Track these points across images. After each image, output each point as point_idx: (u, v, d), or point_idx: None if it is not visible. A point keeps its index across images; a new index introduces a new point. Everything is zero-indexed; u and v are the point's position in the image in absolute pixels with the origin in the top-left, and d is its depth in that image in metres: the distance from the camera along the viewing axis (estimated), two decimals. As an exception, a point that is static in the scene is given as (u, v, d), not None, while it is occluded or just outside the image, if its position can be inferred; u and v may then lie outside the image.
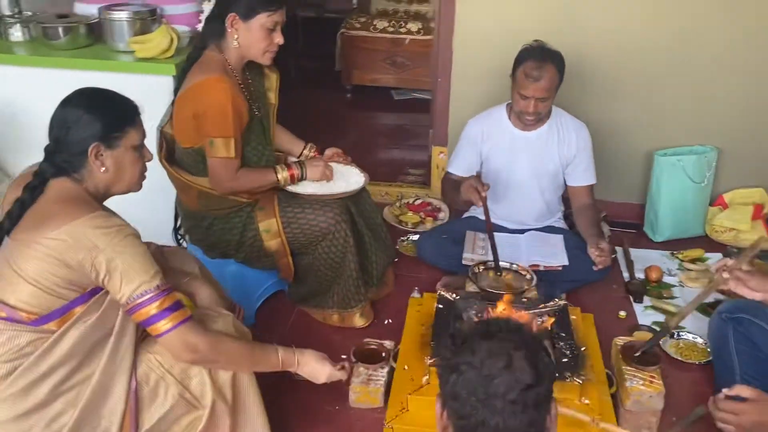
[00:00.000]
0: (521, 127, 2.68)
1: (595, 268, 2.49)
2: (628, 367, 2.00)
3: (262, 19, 2.09)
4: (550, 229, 2.76)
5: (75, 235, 1.43)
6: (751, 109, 2.99)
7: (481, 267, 2.44)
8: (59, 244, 1.43)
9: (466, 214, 2.91)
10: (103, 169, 1.54)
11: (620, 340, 2.14)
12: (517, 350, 1.00)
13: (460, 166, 2.78)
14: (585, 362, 1.97)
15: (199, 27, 2.52)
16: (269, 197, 2.28)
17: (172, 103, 2.19)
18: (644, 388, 1.94)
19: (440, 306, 2.16)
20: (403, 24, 4.70)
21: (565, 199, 2.85)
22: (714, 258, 2.92)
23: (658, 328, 2.45)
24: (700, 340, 2.39)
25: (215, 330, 1.63)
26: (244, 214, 2.25)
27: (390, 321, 2.51)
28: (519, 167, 2.70)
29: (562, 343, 1.99)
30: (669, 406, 2.00)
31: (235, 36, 2.11)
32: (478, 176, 2.53)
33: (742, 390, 1.62)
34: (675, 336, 2.42)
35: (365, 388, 2.08)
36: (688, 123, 3.03)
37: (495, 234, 2.69)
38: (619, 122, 3.01)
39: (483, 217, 2.76)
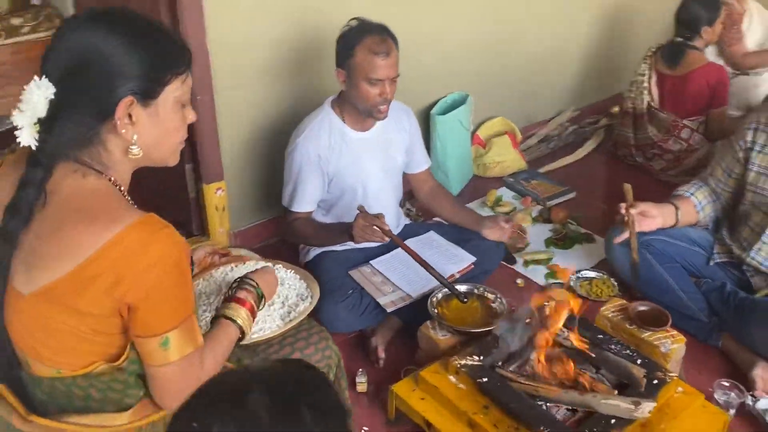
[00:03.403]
0: (360, 127, 2.19)
1: (518, 245, 2.31)
2: (650, 333, 1.96)
3: (175, 90, 1.10)
4: (411, 231, 2.42)
5: None
6: (483, 55, 3.12)
7: (434, 300, 2.00)
8: None
9: (312, 253, 2.30)
10: None
11: (607, 311, 2.07)
12: None
13: (308, 201, 2.18)
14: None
15: None
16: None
17: None
18: (676, 346, 1.94)
19: (483, 379, 1.69)
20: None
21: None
22: (505, 193, 3.08)
23: (560, 281, 2.48)
24: (593, 274, 2.51)
25: None
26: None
27: (366, 429, 1.87)
28: (371, 175, 2.24)
29: (613, 346, 1.82)
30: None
31: (133, 135, 1.07)
32: (365, 212, 2.01)
33: None
34: (576, 278, 2.48)
35: None
36: (442, 76, 2.98)
37: (376, 261, 2.26)
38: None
39: (338, 248, 2.27)
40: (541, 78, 3.49)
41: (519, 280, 2.50)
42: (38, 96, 0.99)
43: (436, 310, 1.99)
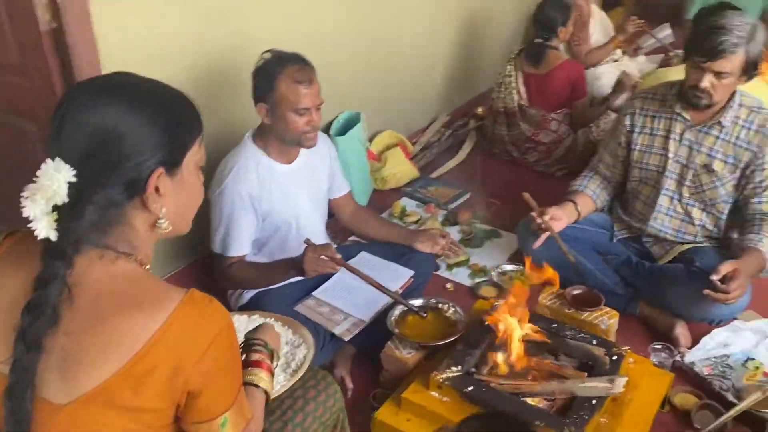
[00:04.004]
0: (285, 159, 2.15)
1: (447, 258, 2.38)
2: (589, 314, 2.12)
3: (195, 153, 1.03)
4: (342, 254, 2.40)
5: None
6: (364, 71, 3.18)
7: (392, 320, 2.01)
8: None
9: (247, 296, 2.21)
10: None
11: (545, 300, 2.20)
12: None
13: (243, 243, 2.11)
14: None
15: None
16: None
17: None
18: (612, 321, 2.12)
19: (469, 388, 1.74)
20: None
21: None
22: (407, 203, 3.15)
23: (492, 278, 2.60)
24: (511, 267, 2.66)
25: None
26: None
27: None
28: (302, 207, 2.21)
29: (568, 332, 1.95)
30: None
31: (162, 208, 0.98)
32: (312, 244, 1.98)
33: (724, 268, 2.01)
34: (497, 274, 2.62)
35: None
36: (332, 96, 2.97)
37: (318, 292, 2.23)
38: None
39: (274, 286, 2.21)
40: (414, 88, 3.62)
41: (448, 285, 2.59)
42: (58, 181, 0.87)
43: (396, 330, 2.01)
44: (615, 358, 1.85)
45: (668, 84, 2.36)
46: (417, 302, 2.10)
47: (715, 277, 2.01)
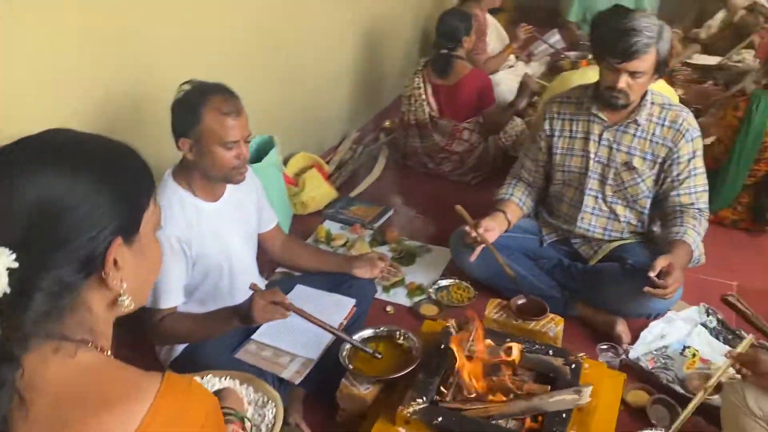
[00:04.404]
0: (212, 197, 1.99)
1: (385, 281, 2.29)
2: (536, 323, 2.11)
3: (151, 214, 0.90)
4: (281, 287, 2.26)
5: None
6: (272, 94, 3.06)
7: (345, 356, 1.90)
8: None
9: (180, 348, 2.02)
10: None
11: (491, 314, 2.18)
12: None
13: (175, 293, 1.93)
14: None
15: None
16: None
17: None
18: (559, 327, 2.13)
19: (439, 419, 1.67)
20: None
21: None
22: (331, 226, 3.05)
23: (430, 295, 2.55)
24: (447, 282, 2.62)
25: None
26: None
27: None
28: (234, 247, 2.05)
29: (524, 346, 1.92)
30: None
31: (122, 283, 0.83)
32: (259, 289, 1.83)
33: (659, 264, 2.06)
34: (435, 290, 2.57)
35: None
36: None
37: (258, 335, 2.10)
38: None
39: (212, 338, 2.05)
40: (322, 107, 3.54)
41: (388, 308, 2.51)
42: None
43: (351, 366, 1.90)
44: (573, 366, 1.85)
45: (583, 87, 2.42)
46: (367, 333, 2.01)
47: (652, 274, 2.06)
